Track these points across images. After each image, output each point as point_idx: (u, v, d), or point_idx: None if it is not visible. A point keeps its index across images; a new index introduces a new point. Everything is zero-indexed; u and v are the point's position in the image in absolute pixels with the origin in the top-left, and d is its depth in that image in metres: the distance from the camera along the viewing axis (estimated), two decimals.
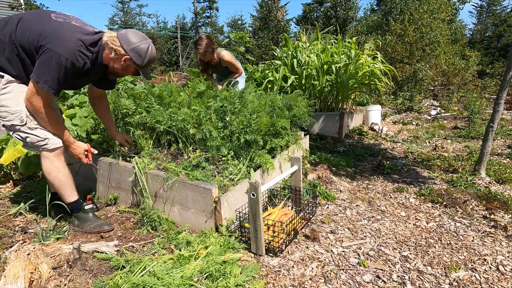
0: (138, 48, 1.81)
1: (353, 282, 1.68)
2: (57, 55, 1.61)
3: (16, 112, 1.73)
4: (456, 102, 9.93)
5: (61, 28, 1.69)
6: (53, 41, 1.62)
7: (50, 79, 1.64)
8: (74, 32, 1.70)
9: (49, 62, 1.62)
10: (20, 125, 1.75)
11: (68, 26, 1.72)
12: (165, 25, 31.87)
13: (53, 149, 1.84)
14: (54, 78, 1.64)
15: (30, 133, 1.78)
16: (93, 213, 2.05)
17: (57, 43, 1.62)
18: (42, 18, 1.73)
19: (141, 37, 1.84)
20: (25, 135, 1.78)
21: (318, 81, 5.15)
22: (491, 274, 1.76)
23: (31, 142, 1.79)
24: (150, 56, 1.87)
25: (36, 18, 1.73)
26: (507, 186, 3.11)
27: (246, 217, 1.96)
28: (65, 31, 1.68)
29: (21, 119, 1.74)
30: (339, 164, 3.72)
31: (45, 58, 1.62)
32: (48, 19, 1.72)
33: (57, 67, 1.63)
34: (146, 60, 1.86)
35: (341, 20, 13.95)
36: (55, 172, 1.88)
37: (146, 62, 1.87)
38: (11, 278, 1.42)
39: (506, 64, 3.07)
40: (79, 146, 1.96)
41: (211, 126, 2.40)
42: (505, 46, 23.80)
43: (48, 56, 1.62)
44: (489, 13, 31.33)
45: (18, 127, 1.76)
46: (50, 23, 1.70)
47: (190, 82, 3.42)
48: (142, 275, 1.46)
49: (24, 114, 1.74)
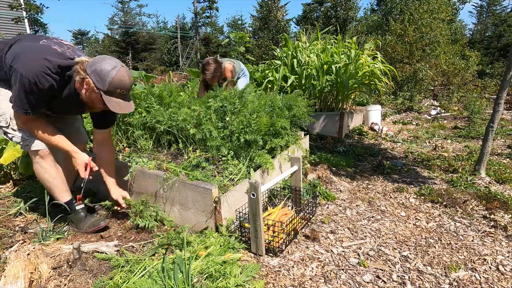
0: (99, 68, 1.59)
1: (353, 282, 1.68)
2: (20, 75, 1.56)
3: (4, 114, 1.80)
4: (456, 102, 9.93)
5: (33, 49, 1.63)
6: (19, 62, 1.58)
7: (18, 100, 1.61)
8: (45, 54, 1.61)
9: (16, 83, 1.58)
10: (5, 126, 1.83)
11: (42, 49, 1.64)
12: (165, 25, 31.91)
13: (36, 151, 1.84)
14: (21, 100, 1.60)
15: (14, 134, 1.85)
16: (85, 212, 2.03)
17: (21, 64, 1.57)
18: (30, 41, 1.71)
19: (109, 60, 1.64)
20: (11, 135, 1.85)
21: (318, 81, 5.15)
22: (491, 274, 1.76)
23: (16, 142, 1.86)
24: (114, 79, 1.60)
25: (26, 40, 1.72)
26: (507, 186, 3.11)
27: (246, 217, 1.96)
28: (35, 52, 1.61)
29: (6, 120, 1.81)
30: (339, 164, 3.72)
31: (13, 79, 1.60)
32: (33, 42, 1.70)
33: (22, 88, 1.57)
34: (108, 83, 1.59)
35: (341, 20, 13.96)
36: (42, 173, 1.89)
37: (109, 86, 1.60)
38: (11, 278, 1.42)
39: (506, 64, 3.07)
40: (80, 157, 1.86)
41: (211, 126, 2.40)
42: (505, 46, 23.79)
43: (14, 77, 1.59)
44: (489, 13, 31.32)
45: (4, 128, 1.84)
46: (28, 44, 1.67)
47: (190, 82, 3.42)
48: (142, 275, 1.46)
49: (8, 115, 1.80)
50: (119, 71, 1.62)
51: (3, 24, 11.53)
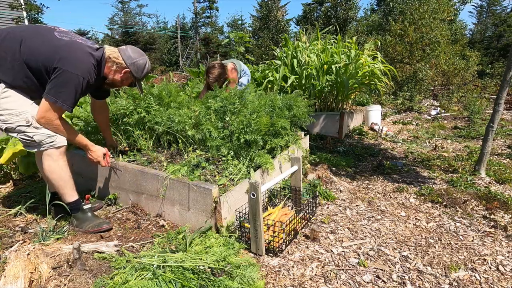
0: (138, 63, 2.02)
1: (353, 282, 1.68)
2: (75, 76, 1.75)
3: (21, 114, 1.77)
4: (456, 102, 9.93)
5: (73, 49, 1.81)
6: (69, 64, 1.74)
7: (69, 98, 1.77)
8: (86, 52, 1.84)
9: (68, 83, 1.75)
10: (26, 125, 1.78)
11: (78, 46, 1.84)
12: (165, 25, 31.89)
13: (60, 147, 1.88)
14: (72, 97, 1.78)
15: (37, 132, 1.81)
16: (92, 213, 2.05)
17: (73, 65, 1.75)
18: (47, 37, 1.80)
19: (139, 53, 2.06)
20: (33, 133, 1.80)
21: (318, 81, 5.15)
22: (491, 274, 1.76)
23: (39, 139, 1.81)
24: (147, 70, 2.09)
25: (41, 37, 1.79)
26: (507, 186, 3.11)
27: (246, 217, 1.96)
28: (78, 52, 1.81)
29: (26, 119, 1.78)
30: (339, 164, 3.72)
31: (63, 79, 1.74)
32: (54, 39, 1.80)
33: (76, 87, 1.77)
34: (144, 73, 2.07)
35: (341, 20, 13.95)
36: (59, 171, 1.89)
37: (143, 75, 2.07)
38: (11, 278, 1.42)
39: (506, 64, 3.07)
40: (98, 149, 2.07)
41: (211, 126, 2.40)
42: (505, 46, 23.79)
43: (65, 77, 1.74)
44: (489, 13, 31.33)
45: (24, 128, 1.79)
46: (59, 44, 1.79)
47: (190, 82, 3.41)
48: (142, 276, 1.46)
49: (29, 114, 1.79)
50: (149, 64, 2.09)
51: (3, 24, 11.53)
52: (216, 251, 1.66)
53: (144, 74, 2.08)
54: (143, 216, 2.20)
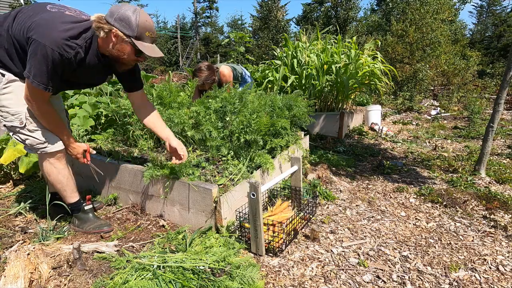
0: (122, 14, 1.54)
1: (353, 282, 1.68)
2: (42, 46, 1.47)
3: (16, 114, 1.70)
4: (456, 102, 9.93)
5: (50, 17, 1.56)
6: (39, 32, 1.48)
7: (38, 73, 1.51)
8: (63, 21, 1.55)
9: (36, 55, 1.49)
10: (19, 127, 1.71)
11: (58, 15, 1.58)
12: (165, 25, 31.87)
13: (53, 152, 1.81)
14: (42, 72, 1.51)
15: (29, 135, 1.74)
16: (93, 214, 2.05)
17: (42, 33, 1.48)
18: (37, 10, 1.62)
19: (125, 5, 1.60)
20: (25, 137, 1.74)
21: (318, 81, 5.15)
22: (491, 274, 1.76)
23: (30, 144, 1.76)
24: (140, 22, 1.56)
25: (31, 10, 1.62)
26: (507, 186, 3.11)
27: (246, 217, 1.96)
28: (53, 20, 1.54)
29: (20, 121, 1.70)
30: (339, 164, 3.72)
31: (32, 51, 1.50)
32: (43, 10, 1.60)
33: (44, 59, 1.48)
34: (136, 26, 1.56)
35: (341, 20, 13.96)
36: (56, 174, 1.87)
37: (138, 30, 1.57)
38: (11, 278, 1.42)
39: (506, 64, 3.07)
40: (78, 146, 1.91)
41: (211, 126, 2.40)
42: (505, 46, 23.77)
43: (34, 48, 1.49)
44: (489, 13, 31.32)
45: (18, 129, 1.73)
46: (42, 14, 1.57)
47: (190, 82, 3.41)
48: (142, 276, 1.46)
49: (23, 116, 1.70)
50: (141, 12, 1.58)
51: None
52: (216, 251, 1.66)
53: (138, 27, 1.56)
54: (143, 216, 2.20)
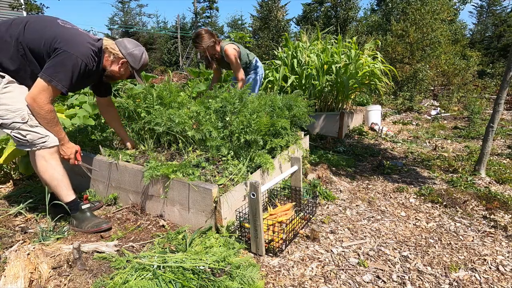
0: (134, 53, 2.06)
1: (353, 282, 1.68)
2: (74, 57, 1.78)
3: (18, 110, 1.78)
4: (456, 102, 9.92)
5: (74, 34, 1.86)
6: (69, 45, 1.78)
7: (65, 78, 1.78)
8: (86, 39, 1.89)
9: (65, 63, 1.77)
10: (21, 122, 1.79)
11: (79, 33, 1.91)
12: (165, 25, 31.88)
13: (52, 147, 1.89)
14: (68, 78, 1.79)
15: (31, 130, 1.81)
16: (91, 212, 2.05)
17: (73, 47, 1.79)
18: (51, 23, 1.85)
19: (135, 43, 2.10)
20: (26, 132, 1.80)
21: (318, 81, 5.15)
22: (491, 274, 1.76)
23: (31, 139, 1.82)
24: (144, 61, 2.13)
25: (45, 23, 1.85)
26: (507, 186, 3.11)
27: (246, 217, 1.96)
28: (78, 37, 1.87)
29: (22, 116, 1.78)
30: (339, 164, 3.72)
31: (61, 59, 1.76)
32: (57, 25, 1.86)
33: (73, 68, 1.78)
34: (141, 64, 2.10)
35: (341, 20, 13.96)
36: (51, 170, 1.90)
37: (140, 66, 2.11)
38: (11, 278, 1.42)
39: (506, 64, 3.07)
40: (71, 146, 2.03)
41: (211, 126, 2.40)
42: (505, 46, 23.77)
43: (64, 57, 1.76)
44: (489, 13, 31.31)
45: (18, 125, 1.79)
46: (62, 29, 1.84)
47: (190, 82, 3.41)
48: (142, 276, 1.46)
49: (25, 112, 1.79)
50: (145, 55, 2.14)
51: None
52: (216, 251, 1.66)
53: (142, 64, 2.11)
54: (143, 216, 2.20)
